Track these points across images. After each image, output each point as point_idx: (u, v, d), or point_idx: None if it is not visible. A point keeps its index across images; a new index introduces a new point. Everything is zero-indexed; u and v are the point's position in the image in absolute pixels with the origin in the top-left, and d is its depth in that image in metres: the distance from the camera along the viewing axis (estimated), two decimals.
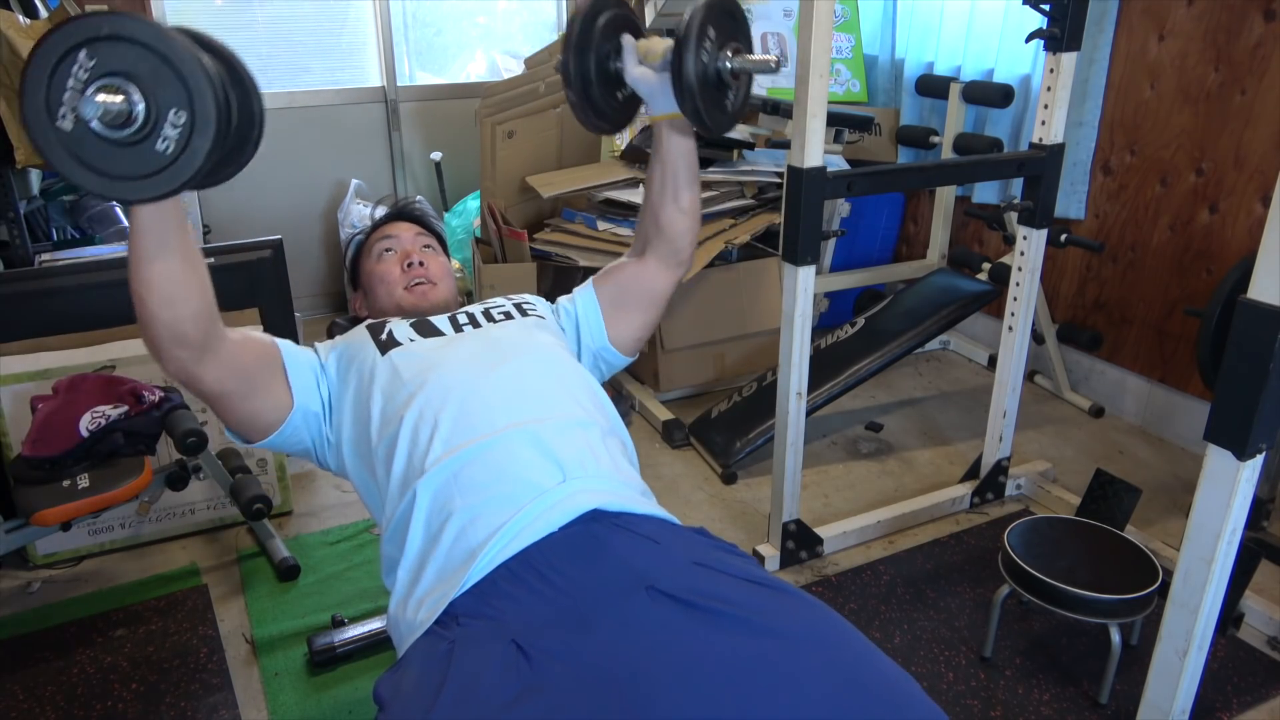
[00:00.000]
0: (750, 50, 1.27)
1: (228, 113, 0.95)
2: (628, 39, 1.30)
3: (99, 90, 0.90)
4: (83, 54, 0.89)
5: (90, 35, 0.89)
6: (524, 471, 1.14)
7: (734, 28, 1.26)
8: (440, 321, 1.37)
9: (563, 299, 1.49)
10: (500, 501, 1.11)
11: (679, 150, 1.39)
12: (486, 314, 1.40)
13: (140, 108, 0.91)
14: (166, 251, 1.04)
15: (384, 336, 1.31)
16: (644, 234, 1.46)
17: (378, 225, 1.59)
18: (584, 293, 1.48)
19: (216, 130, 0.94)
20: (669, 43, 1.22)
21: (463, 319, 1.38)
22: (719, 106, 1.26)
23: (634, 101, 1.37)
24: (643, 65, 1.29)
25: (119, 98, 0.90)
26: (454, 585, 1.06)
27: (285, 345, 1.27)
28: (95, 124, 0.90)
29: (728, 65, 1.23)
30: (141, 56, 0.90)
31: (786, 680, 0.92)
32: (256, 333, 1.25)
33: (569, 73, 1.28)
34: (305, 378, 1.27)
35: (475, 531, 1.10)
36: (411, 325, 1.35)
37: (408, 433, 1.18)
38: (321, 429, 1.29)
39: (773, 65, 1.23)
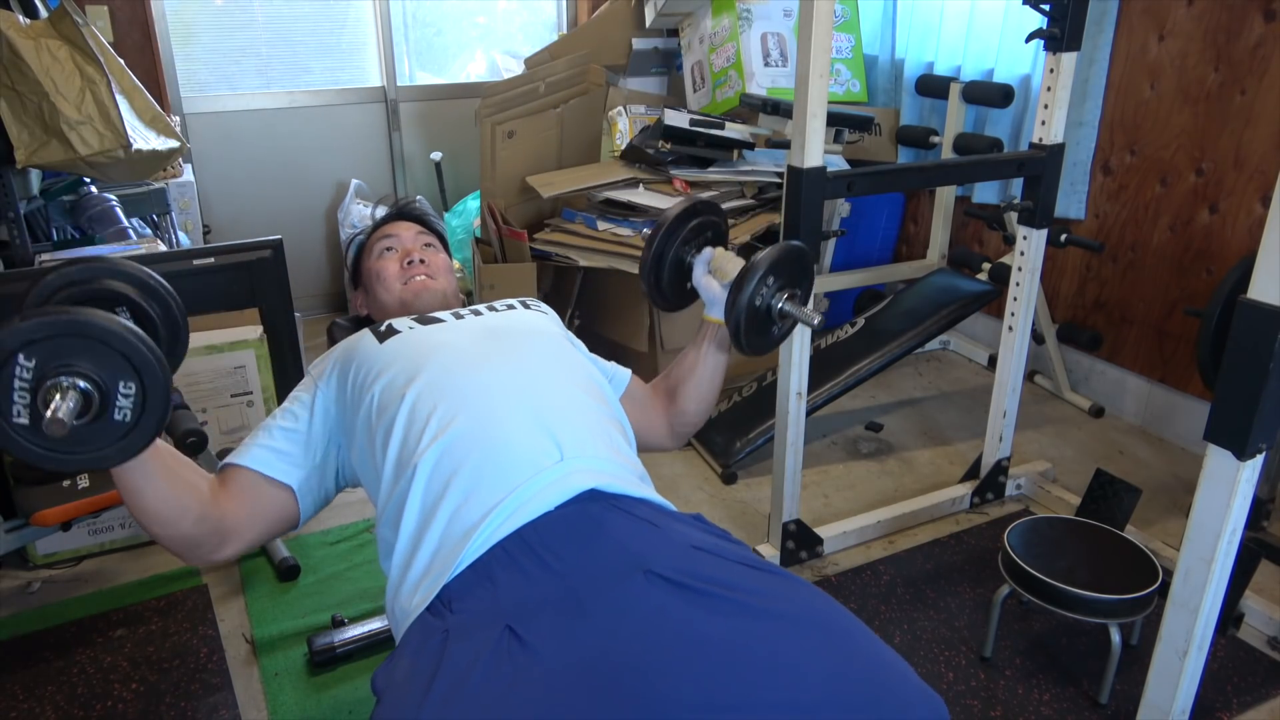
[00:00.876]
0: (805, 301, 1.36)
1: (164, 359, 0.98)
2: (708, 250, 1.41)
3: (47, 395, 0.92)
4: (20, 357, 0.92)
5: (26, 340, 0.91)
6: (521, 449, 1.14)
7: (798, 276, 1.35)
8: (441, 314, 1.39)
9: (599, 357, 1.51)
10: (496, 479, 1.11)
11: (713, 361, 1.47)
12: (489, 307, 1.42)
13: (93, 393, 0.94)
14: (151, 483, 1.09)
15: (384, 329, 1.33)
16: (669, 388, 1.51)
17: (379, 225, 1.60)
18: (622, 370, 1.52)
19: (164, 383, 0.97)
20: (741, 267, 1.31)
21: (464, 312, 1.40)
22: (761, 334, 1.34)
23: (694, 295, 1.45)
24: (710, 276, 1.40)
25: (68, 390, 0.92)
26: (448, 567, 1.06)
27: (255, 454, 1.26)
28: (51, 416, 0.91)
29: (779, 306, 1.32)
30: (78, 345, 0.93)
31: (784, 661, 0.93)
32: (233, 472, 1.25)
33: (649, 252, 1.39)
34: (289, 455, 1.27)
35: (470, 510, 1.10)
36: (413, 319, 1.36)
37: (405, 413, 1.19)
38: (334, 467, 1.31)
39: (814, 323, 1.33)
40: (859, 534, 2.13)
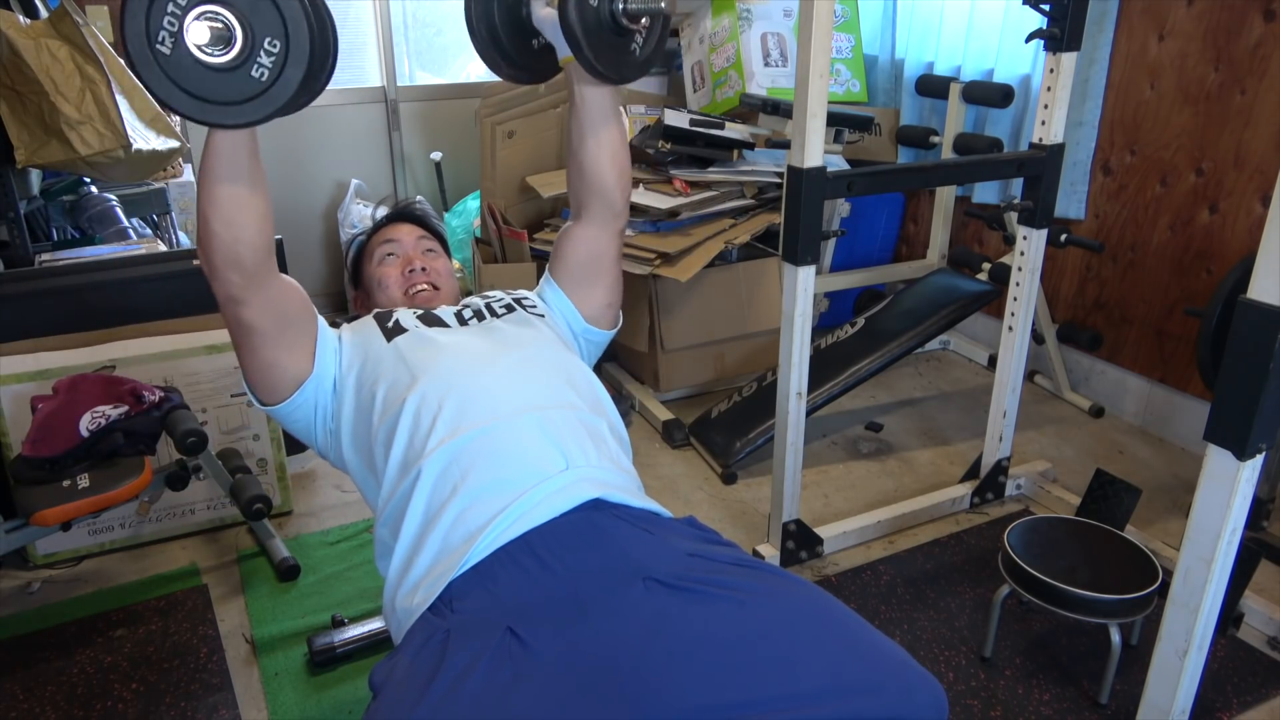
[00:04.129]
0: None
1: (320, 43, 0.98)
2: None
3: (200, 18, 0.92)
4: None
5: None
6: (527, 456, 1.15)
7: None
8: (445, 314, 1.39)
9: (534, 296, 1.48)
10: (502, 485, 1.12)
11: (592, 100, 1.33)
12: (489, 308, 1.42)
13: (239, 35, 0.94)
14: (237, 175, 1.08)
15: (390, 324, 1.33)
16: (575, 193, 1.42)
17: (379, 226, 1.60)
18: (547, 287, 1.48)
19: (310, 60, 0.97)
20: None
21: (467, 314, 1.40)
22: (619, 52, 1.19)
23: (549, 53, 1.29)
24: (548, 7, 1.22)
25: (219, 25, 0.93)
26: (452, 566, 1.07)
27: (319, 317, 1.30)
28: (194, 49, 0.93)
29: (621, 6, 1.16)
30: None
31: (782, 655, 0.94)
32: (301, 289, 1.27)
33: (471, 19, 1.22)
34: (326, 352, 1.29)
35: (475, 514, 1.10)
36: (418, 316, 1.36)
37: (410, 416, 1.19)
38: (326, 409, 1.30)
39: (663, 6, 1.16)
40: (859, 534, 2.13)
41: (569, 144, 1.38)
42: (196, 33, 0.92)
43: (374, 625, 1.79)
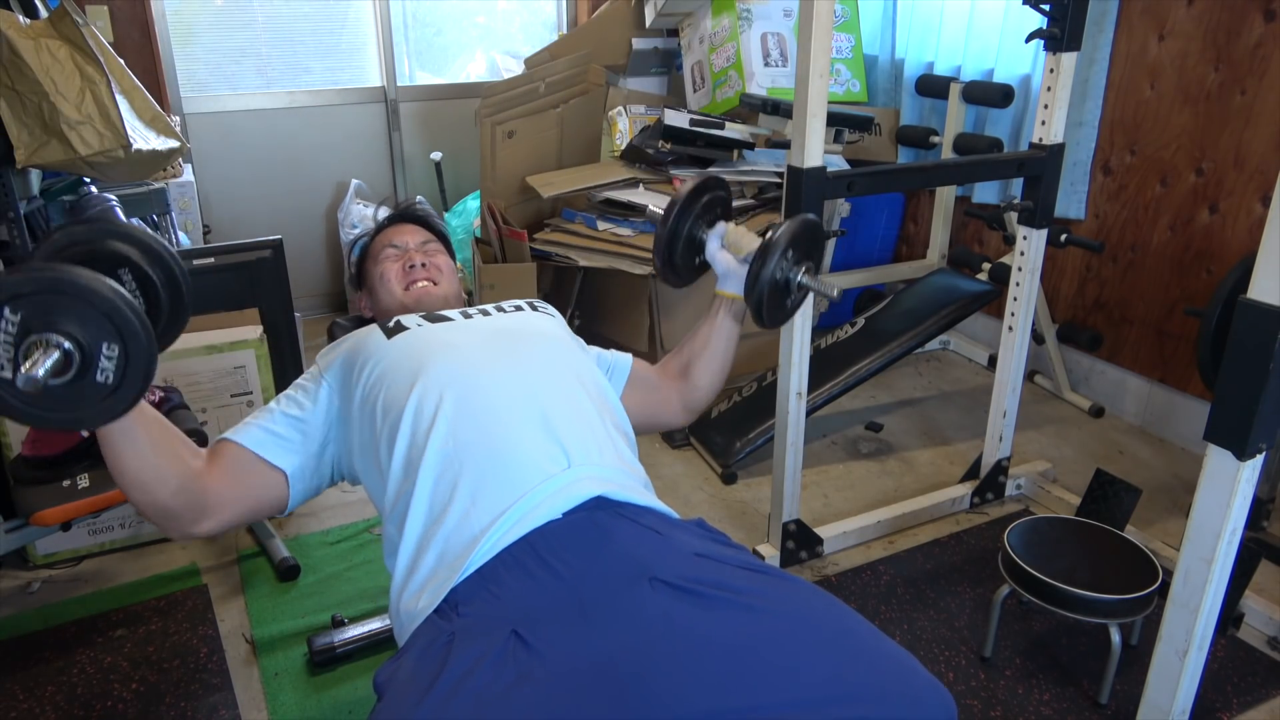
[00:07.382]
0: (817, 271, 1.40)
1: (152, 327, 0.97)
2: (722, 225, 1.45)
3: (30, 350, 0.90)
4: (6, 310, 0.90)
5: (12, 293, 0.90)
6: (529, 455, 1.14)
7: (812, 248, 1.39)
8: (450, 313, 1.39)
9: (599, 348, 1.52)
10: (504, 485, 1.12)
11: (727, 331, 1.50)
12: (497, 307, 1.42)
13: (75, 356, 0.93)
14: (132, 447, 1.07)
15: (392, 325, 1.33)
16: (682, 364, 1.52)
17: (382, 227, 1.60)
18: (623, 357, 1.52)
19: (148, 347, 0.96)
20: (756, 243, 1.35)
21: (473, 311, 1.40)
22: (778, 307, 1.37)
23: (704, 269, 1.48)
24: (725, 250, 1.43)
25: (54, 354, 0.91)
26: (455, 571, 1.07)
27: (253, 434, 1.25)
28: (35, 376, 0.91)
29: (797, 279, 1.35)
30: (63, 303, 0.92)
31: (788, 661, 0.93)
32: (227, 448, 1.24)
33: (665, 228, 1.41)
34: (288, 441, 1.26)
35: (478, 515, 1.10)
36: (421, 316, 1.37)
37: (411, 413, 1.18)
38: (330, 460, 1.30)
39: (833, 296, 1.36)
40: (859, 534, 2.13)
41: (694, 343, 1.51)
42: (29, 358, 0.90)
43: (374, 625, 1.79)
